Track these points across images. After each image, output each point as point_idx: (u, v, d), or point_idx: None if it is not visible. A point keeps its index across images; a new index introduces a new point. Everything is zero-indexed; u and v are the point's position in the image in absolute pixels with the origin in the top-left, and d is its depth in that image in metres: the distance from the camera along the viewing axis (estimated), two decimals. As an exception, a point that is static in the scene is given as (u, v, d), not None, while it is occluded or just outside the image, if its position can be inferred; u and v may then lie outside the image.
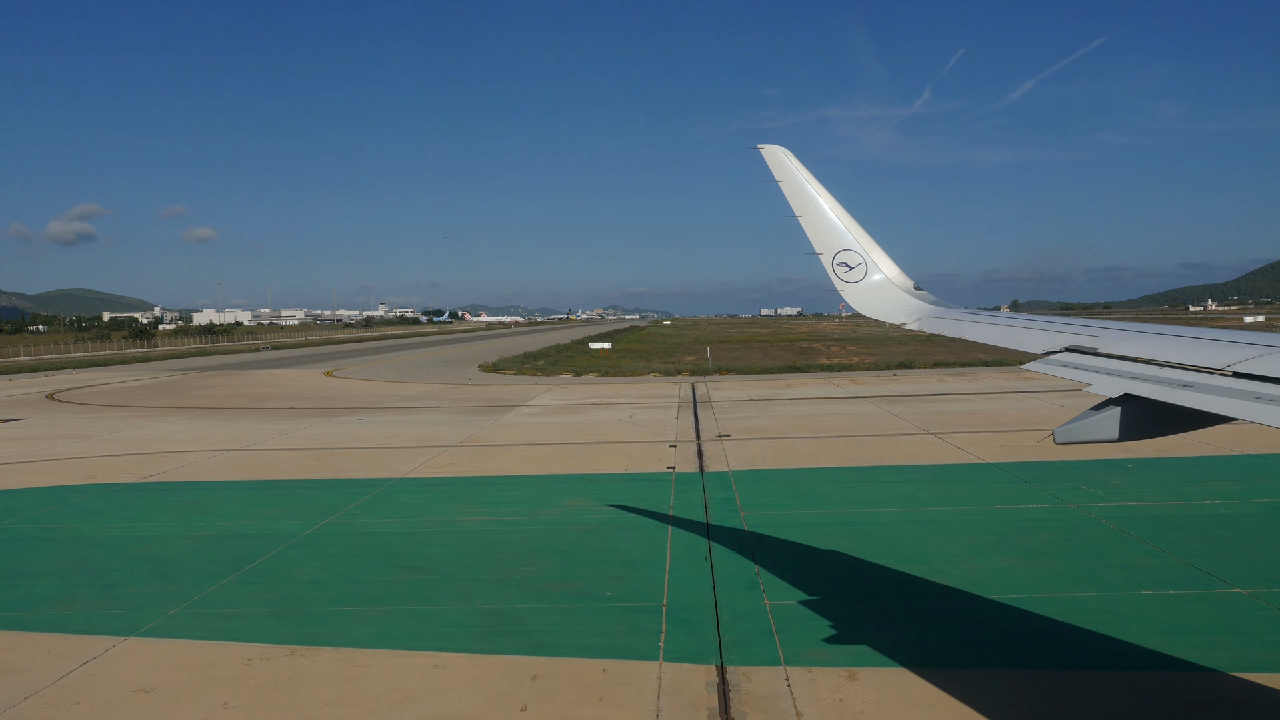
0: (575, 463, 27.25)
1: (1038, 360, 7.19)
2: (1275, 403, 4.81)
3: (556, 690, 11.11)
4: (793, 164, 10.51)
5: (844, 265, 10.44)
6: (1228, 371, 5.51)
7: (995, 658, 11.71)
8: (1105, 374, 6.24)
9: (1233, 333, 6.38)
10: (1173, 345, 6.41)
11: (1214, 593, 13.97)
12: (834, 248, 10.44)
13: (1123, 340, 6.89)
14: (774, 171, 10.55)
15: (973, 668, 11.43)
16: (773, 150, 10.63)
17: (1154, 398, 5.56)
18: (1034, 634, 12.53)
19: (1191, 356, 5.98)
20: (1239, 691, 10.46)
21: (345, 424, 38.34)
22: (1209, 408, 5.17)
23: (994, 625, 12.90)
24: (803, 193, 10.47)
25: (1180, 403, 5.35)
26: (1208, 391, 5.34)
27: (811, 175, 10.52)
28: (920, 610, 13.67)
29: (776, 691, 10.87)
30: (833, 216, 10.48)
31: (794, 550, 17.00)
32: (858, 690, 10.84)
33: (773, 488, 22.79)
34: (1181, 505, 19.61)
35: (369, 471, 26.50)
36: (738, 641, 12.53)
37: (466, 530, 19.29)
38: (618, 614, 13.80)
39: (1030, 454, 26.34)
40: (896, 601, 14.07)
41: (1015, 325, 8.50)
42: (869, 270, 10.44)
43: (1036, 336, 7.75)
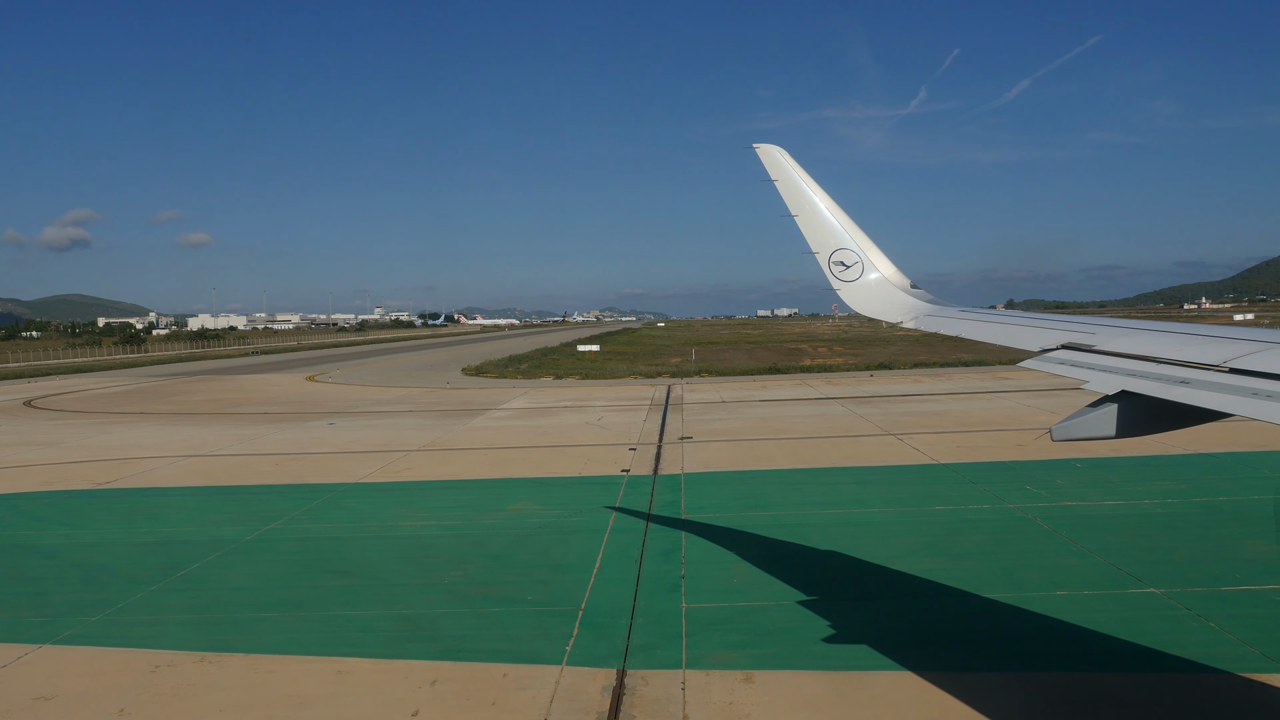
0: (531, 466, 27.28)
1: (1035, 358, 7.20)
2: (1272, 398, 4.82)
3: (452, 694, 11.15)
4: (788, 163, 10.50)
5: (840, 264, 10.44)
6: (1224, 368, 5.50)
7: (893, 660, 11.73)
8: (1102, 371, 6.23)
9: (1229, 329, 6.37)
10: (1169, 342, 6.38)
11: (1128, 593, 14.04)
12: (830, 247, 10.43)
13: (1119, 337, 6.88)
14: (770, 171, 10.54)
15: (869, 669, 11.45)
16: (768, 150, 10.61)
17: (1151, 394, 5.55)
18: (938, 636, 12.59)
19: (1188, 353, 5.97)
20: (1125, 690, 10.52)
21: (315, 429, 38.36)
22: (1206, 404, 5.16)
23: (902, 627, 12.94)
24: (799, 192, 10.46)
25: (1177, 399, 5.35)
26: (1204, 388, 5.33)
27: (807, 175, 10.51)
28: (835, 612, 13.71)
29: (670, 695, 10.92)
30: (829, 216, 10.47)
31: (725, 553, 17.04)
32: (750, 693, 10.90)
33: (720, 490, 22.84)
34: (1119, 505, 19.67)
35: (325, 477, 26.53)
36: (646, 645, 12.58)
37: (405, 535, 19.33)
38: (533, 618, 13.84)
39: (984, 454, 26.41)
40: (814, 604, 14.09)
41: (1012, 323, 8.49)
42: (865, 269, 10.44)
43: (1034, 334, 7.75)
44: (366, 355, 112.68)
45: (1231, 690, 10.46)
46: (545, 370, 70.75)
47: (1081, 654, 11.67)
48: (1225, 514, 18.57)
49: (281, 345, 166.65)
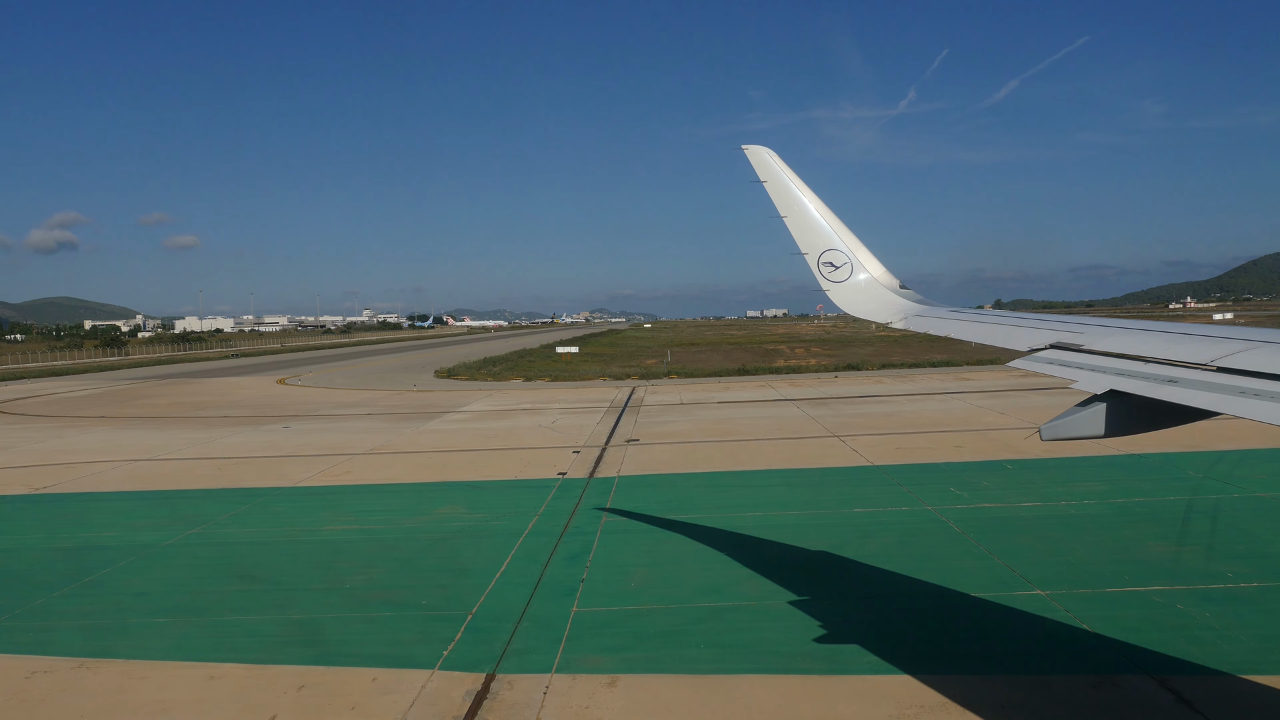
0: (470, 470, 27.32)
1: (1023, 357, 7.19)
2: (1258, 397, 4.84)
3: (315, 699, 11.19)
4: (777, 165, 10.51)
5: (829, 265, 10.44)
6: (1212, 367, 5.51)
7: (764, 665, 11.80)
8: (1090, 370, 6.23)
9: (1217, 328, 6.38)
10: (1157, 341, 6.38)
11: (1013, 594, 14.13)
12: (819, 248, 10.43)
13: (1107, 337, 6.90)
14: (759, 172, 10.53)
15: (736, 674, 11.53)
16: (757, 151, 10.61)
17: (1139, 393, 5.55)
18: (815, 639, 12.64)
19: (1176, 352, 5.98)
20: (973, 693, 10.61)
21: (269, 432, 38.31)
22: (1193, 403, 5.17)
23: (782, 631, 13.00)
24: (787, 193, 10.47)
25: (1165, 398, 5.35)
26: (1192, 387, 5.33)
27: (796, 176, 10.52)
28: (720, 616, 13.76)
29: (530, 699, 10.97)
30: (818, 216, 10.48)
31: (632, 557, 17.11)
32: (609, 697, 10.96)
33: (649, 494, 22.91)
34: (1035, 507, 19.80)
35: (263, 481, 26.51)
36: (524, 649, 12.63)
37: (323, 540, 19.35)
38: (421, 622, 13.88)
39: (921, 456, 26.54)
40: (702, 608, 14.13)
41: (1001, 323, 8.49)
42: (854, 270, 10.44)
43: (1022, 334, 7.75)
44: (346, 358, 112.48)
45: (1078, 691, 10.56)
46: (517, 372, 70.73)
47: (942, 655, 11.76)
48: (1135, 515, 18.72)
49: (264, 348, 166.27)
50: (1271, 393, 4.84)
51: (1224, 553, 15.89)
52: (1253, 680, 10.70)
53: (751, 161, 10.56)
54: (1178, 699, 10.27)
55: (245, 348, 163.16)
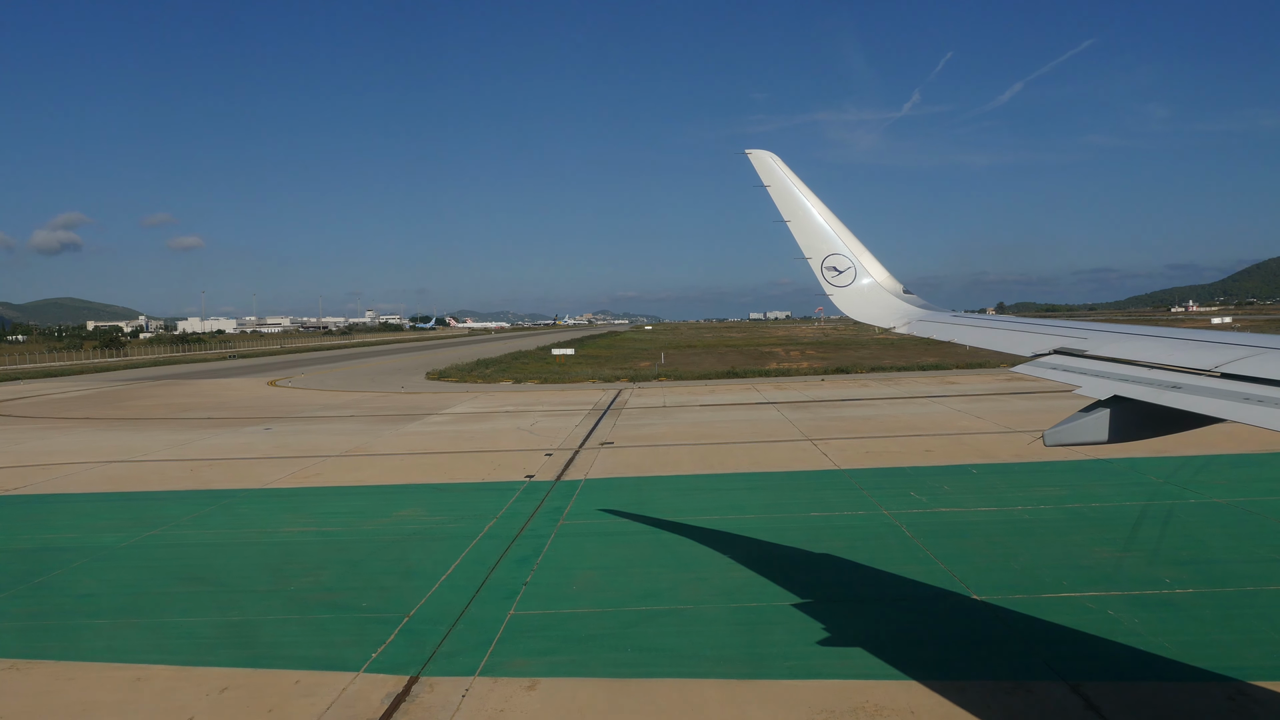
0: (439, 472, 27.39)
1: (1027, 363, 7.17)
2: (1263, 403, 4.83)
3: (235, 701, 11.25)
4: (780, 169, 10.55)
5: (833, 269, 10.46)
6: (1215, 373, 5.50)
7: (685, 668, 11.85)
8: (1094, 376, 6.23)
9: (1221, 334, 6.38)
10: (1161, 347, 6.41)
11: (947, 599, 14.15)
12: (823, 252, 10.46)
13: (1111, 342, 6.89)
14: (762, 176, 10.58)
15: (656, 677, 11.57)
16: (761, 155, 10.65)
17: (1143, 399, 5.55)
18: (743, 642, 12.66)
19: (1180, 358, 5.98)
20: (880, 698, 10.64)
21: (249, 434, 38.40)
22: (1197, 409, 5.16)
23: (708, 634, 13.04)
24: (791, 197, 10.51)
25: (1169, 404, 5.34)
26: (1196, 393, 5.33)
27: (799, 180, 10.55)
28: (654, 619, 13.81)
29: (447, 702, 11.02)
30: (821, 221, 10.51)
31: (580, 560, 17.15)
32: (525, 700, 11.01)
33: (612, 496, 22.95)
34: (991, 511, 19.83)
35: (233, 483, 26.60)
36: (453, 652, 12.69)
37: (278, 542, 19.41)
38: (357, 625, 13.94)
39: (889, 460, 26.57)
40: (637, 611, 14.18)
41: (1004, 328, 8.47)
42: (858, 274, 10.45)
43: (1026, 339, 7.71)
44: (342, 359, 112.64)
45: (991, 696, 10.59)
46: (508, 374, 70.80)
47: (863, 660, 11.80)
48: (1088, 520, 18.73)
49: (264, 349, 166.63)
50: (1275, 399, 4.86)
51: (1167, 559, 15.89)
52: (1164, 685, 10.72)
53: (755, 165, 10.60)
54: (1087, 705, 10.30)
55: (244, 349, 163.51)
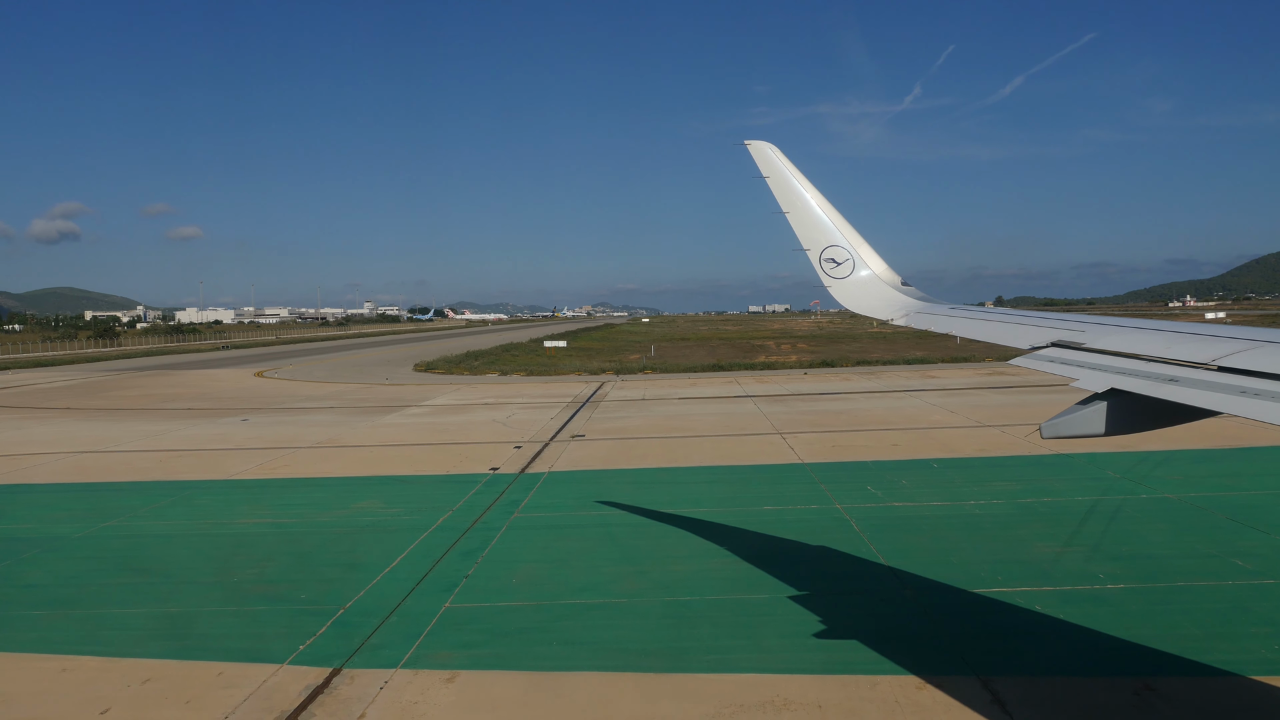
0: (406, 464, 27.44)
1: (1025, 355, 7.21)
2: (1259, 397, 4.84)
3: (155, 693, 11.31)
4: (780, 160, 10.51)
5: (831, 261, 10.44)
6: (1213, 366, 5.51)
7: (601, 662, 11.92)
8: (1091, 369, 6.25)
9: (1218, 328, 6.38)
10: (1158, 340, 6.40)
11: (879, 594, 14.20)
12: (821, 244, 10.43)
13: (1109, 335, 6.91)
14: (761, 168, 10.53)
15: (575, 670, 11.64)
16: (760, 146, 10.61)
17: (1140, 392, 5.56)
18: (659, 637, 12.73)
19: (1177, 351, 5.98)
20: (790, 693, 10.70)
21: (226, 425, 38.46)
22: (1194, 402, 5.17)
23: (635, 628, 13.11)
24: (790, 189, 10.45)
25: (1166, 397, 5.36)
26: (1193, 386, 5.34)
27: (799, 171, 10.52)
28: (585, 612, 13.88)
29: (363, 694, 11.08)
30: (820, 213, 10.48)
31: (525, 553, 17.22)
32: (442, 693, 11.08)
33: (572, 489, 23.02)
34: (943, 506, 19.89)
35: (198, 474, 26.67)
36: (381, 644, 12.75)
37: (231, 533, 19.46)
38: (291, 617, 13.99)
39: (854, 454, 26.64)
40: (569, 605, 14.23)
41: (1003, 321, 8.50)
42: (856, 266, 10.43)
43: (1024, 332, 7.75)
44: (335, 350, 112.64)
45: (903, 691, 10.66)
46: (496, 366, 70.83)
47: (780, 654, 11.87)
48: (1037, 515, 18.79)
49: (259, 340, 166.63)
50: (1272, 392, 4.87)
51: (1106, 554, 15.96)
52: (1074, 680, 10.79)
53: (754, 157, 10.57)
54: (994, 699, 10.37)
55: (238, 339, 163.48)
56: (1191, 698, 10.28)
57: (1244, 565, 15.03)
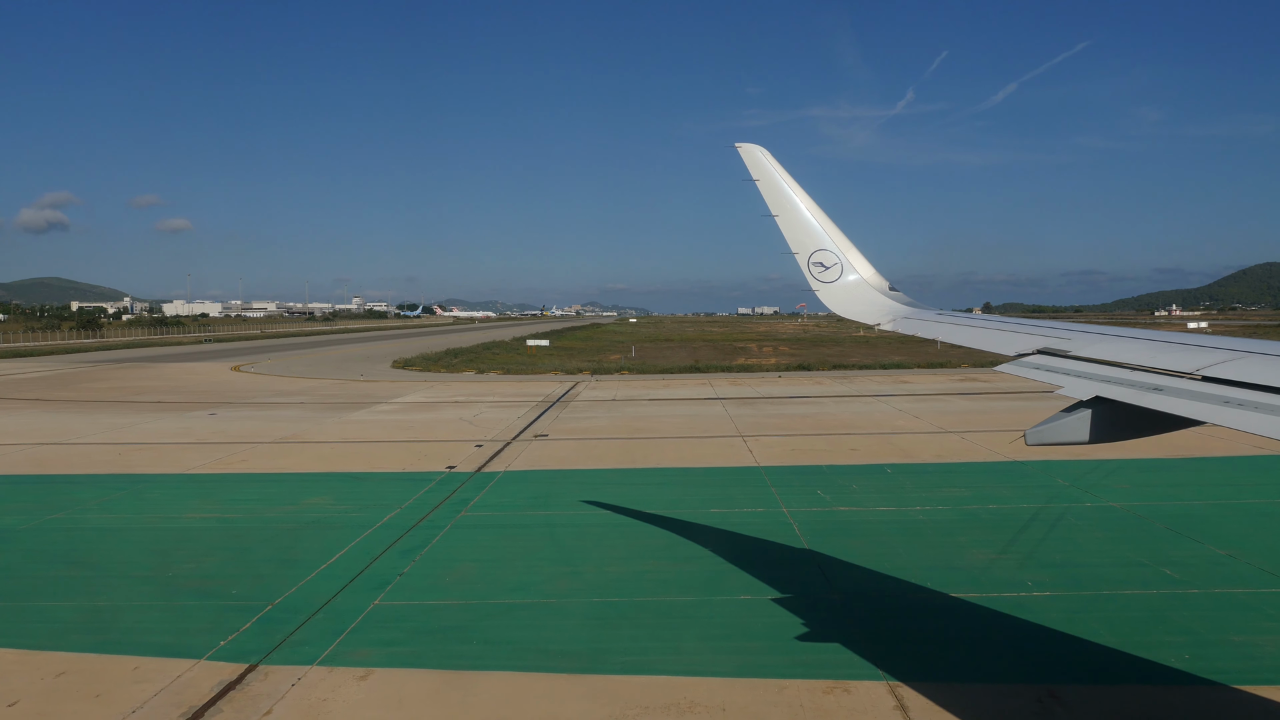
0: (363, 461, 27.40)
1: (1010, 362, 7.23)
2: (1242, 407, 4.88)
3: (67, 687, 11.29)
4: (770, 163, 10.53)
5: (820, 265, 10.45)
6: (1197, 376, 5.55)
7: (517, 662, 11.95)
8: (1077, 376, 6.28)
9: (1204, 337, 6.40)
10: (1144, 349, 6.44)
11: (811, 595, 14.27)
12: (810, 248, 10.44)
13: (1095, 343, 6.93)
14: (751, 171, 10.55)
15: (487, 670, 11.67)
16: (750, 149, 10.64)
17: (1124, 400, 5.60)
18: (581, 638, 12.77)
19: (1162, 360, 6.01)
20: (696, 696, 10.75)
21: (192, 419, 38.34)
22: (1178, 411, 5.20)
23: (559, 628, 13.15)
24: (779, 192, 10.48)
25: (1150, 406, 5.39)
26: (1177, 395, 5.37)
27: (789, 175, 10.53)
28: (513, 611, 13.91)
29: (274, 691, 11.09)
30: (809, 216, 10.49)
31: (464, 552, 17.23)
32: (351, 690, 11.09)
33: (523, 489, 23.03)
34: (889, 511, 19.99)
35: (154, 468, 26.58)
36: (304, 640, 12.75)
37: (176, 528, 19.42)
38: (218, 613, 13.97)
39: (812, 458, 26.71)
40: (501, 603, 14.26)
41: (989, 327, 8.51)
42: (844, 270, 10.45)
43: (1010, 338, 7.76)
44: (317, 345, 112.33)
45: (809, 695, 10.71)
46: (474, 365, 70.76)
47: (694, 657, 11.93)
48: (980, 522, 18.91)
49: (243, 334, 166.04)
50: (1255, 403, 4.91)
51: (1039, 561, 16.07)
52: (978, 686, 10.88)
53: (744, 160, 10.60)
54: (897, 704, 10.45)
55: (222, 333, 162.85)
56: (1093, 706, 10.38)
57: (1172, 575, 15.15)
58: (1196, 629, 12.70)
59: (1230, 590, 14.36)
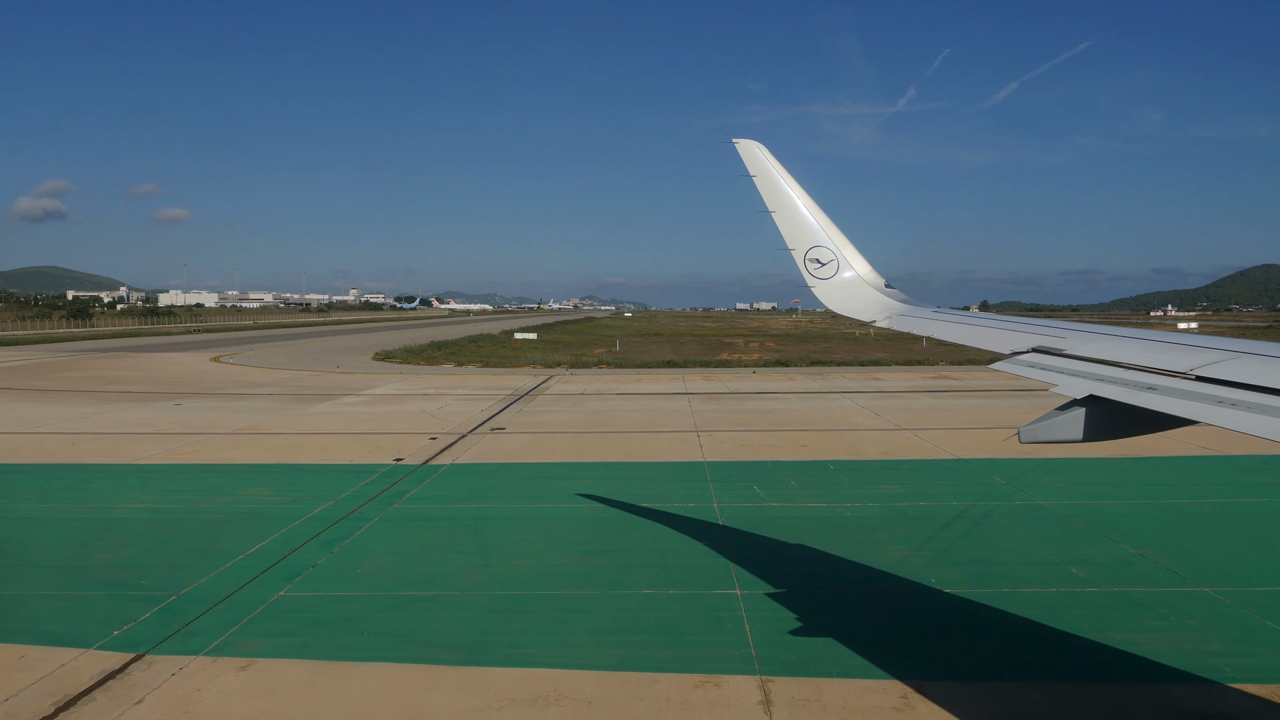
0: (312, 453, 27.47)
1: (1005, 360, 7.23)
2: (1235, 407, 4.90)
3: (-53, 675, 11.33)
4: (767, 159, 10.52)
5: (816, 262, 10.45)
6: (1191, 375, 5.57)
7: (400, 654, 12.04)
8: (1071, 375, 6.28)
9: (1197, 338, 6.40)
10: (1137, 348, 6.44)
11: (711, 593, 14.36)
12: (806, 244, 10.44)
13: (1089, 342, 6.94)
14: (748, 166, 10.55)
15: (370, 661, 11.75)
16: (747, 145, 10.63)
17: (1118, 399, 5.60)
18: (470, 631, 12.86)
19: (1155, 360, 6.03)
20: (566, 688, 10.85)
21: (157, 409, 38.39)
22: (1171, 410, 5.21)
23: (452, 622, 13.24)
24: (776, 188, 10.47)
25: (1143, 405, 5.40)
26: (1170, 394, 5.38)
27: (785, 171, 10.54)
28: (411, 604, 14.00)
29: (151, 680, 11.18)
30: (805, 213, 10.49)
31: (384, 545, 17.32)
32: (228, 680, 11.18)
33: (464, 482, 23.13)
34: (819, 508, 20.08)
35: (103, 457, 26.66)
36: (199, 630, 12.83)
37: (105, 518, 19.50)
38: (120, 602, 14.05)
39: (760, 454, 26.78)
40: (402, 595, 14.36)
41: (984, 325, 8.50)
42: (840, 267, 10.46)
43: (1005, 337, 7.77)
44: (306, 336, 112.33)
45: (680, 689, 10.80)
46: (455, 358, 70.81)
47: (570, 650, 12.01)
48: (906, 519, 19.04)
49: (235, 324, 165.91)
50: (1247, 403, 4.94)
51: (951, 559, 16.16)
52: (844, 681, 10.96)
53: (741, 155, 10.60)
54: (763, 699, 10.55)
55: (215, 324, 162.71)
56: (954, 702, 10.46)
57: (1076, 573, 15.25)
58: (1082, 627, 12.80)
59: (1128, 589, 14.45)
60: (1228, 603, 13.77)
